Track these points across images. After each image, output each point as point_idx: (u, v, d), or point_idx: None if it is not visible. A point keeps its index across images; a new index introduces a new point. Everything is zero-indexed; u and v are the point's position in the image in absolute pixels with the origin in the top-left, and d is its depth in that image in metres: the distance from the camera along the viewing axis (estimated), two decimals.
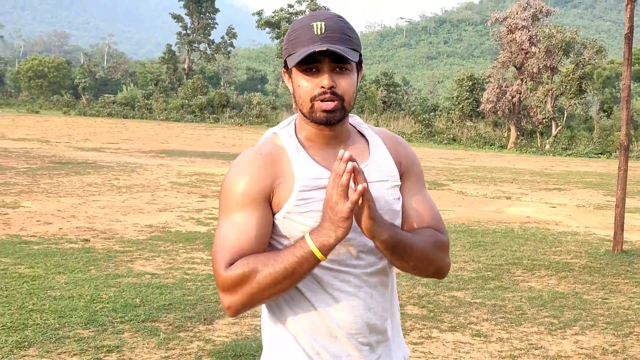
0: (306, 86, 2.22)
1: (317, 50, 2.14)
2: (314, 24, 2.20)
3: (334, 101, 2.21)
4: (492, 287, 8.96)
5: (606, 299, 8.60)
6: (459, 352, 6.51)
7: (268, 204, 2.25)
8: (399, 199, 2.38)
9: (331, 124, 2.26)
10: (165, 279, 8.49)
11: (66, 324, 6.58)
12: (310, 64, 2.20)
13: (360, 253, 2.29)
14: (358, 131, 2.43)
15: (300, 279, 2.17)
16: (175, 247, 10.49)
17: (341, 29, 2.22)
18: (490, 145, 50.25)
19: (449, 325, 7.30)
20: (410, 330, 7.05)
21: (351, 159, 2.06)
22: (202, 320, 6.98)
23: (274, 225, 2.27)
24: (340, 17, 2.29)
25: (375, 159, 2.36)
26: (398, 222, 2.35)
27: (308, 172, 2.25)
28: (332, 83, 2.19)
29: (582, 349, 6.73)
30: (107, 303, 7.35)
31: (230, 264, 2.18)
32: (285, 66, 2.30)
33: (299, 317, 2.30)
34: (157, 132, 45.54)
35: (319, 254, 2.11)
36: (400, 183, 2.40)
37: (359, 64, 2.32)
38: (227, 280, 2.16)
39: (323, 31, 2.19)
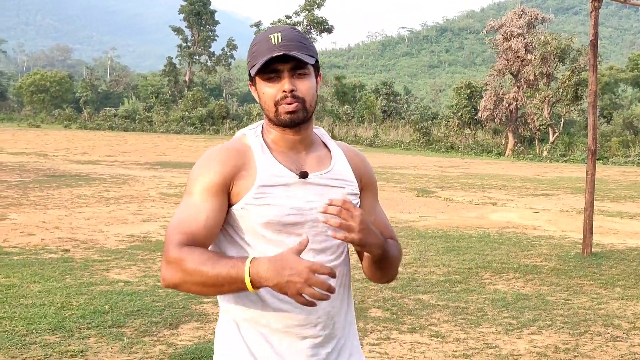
0: (269, 92, 2.40)
1: (274, 55, 2.33)
2: (271, 35, 2.39)
3: (295, 103, 2.39)
4: (458, 290, 9.16)
5: (568, 299, 8.79)
6: (415, 352, 6.70)
7: (226, 193, 2.41)
8: (355, 205, 2.46)
9: (295, 124, 2.43)
10: (138, 286, 8.69)
11: (34, 331, 6.79)
12: (271, 73, 2.39)
13: (311, 252, 2.43)
14: (322, 141, 2.61)
15: (227, 292, 2.29)
16: (153, 255, 10.69)
17: (296, 38, 2.41)
18: (488, 153, 50.39)
19: (409, 327, 7.49)
20: (371, 332, 7.24)
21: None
22: (168, 325, 7.18)
23: (231, 215, 2.42)
24: (295, 28, 2.49)
25: (335, 168, 2.54)
26: None
27: (269, 169, 2.41)
28: (292, 87, 2.37)
29: (535, 347, 6.91)
30: (77, 310, 7.56)
31: (183, 244, 2.32)
32: (250, 78, 2.48)
33: (243, 305, 2.44)
34: (156, 144, 45.76)
35: (249, 285, 2.20)
36: (358, 192, 2.59)
37: (317, 70, 2.50)
38: (171, 257, 2.29)
39: (280, 41, 2.37)
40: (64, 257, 10.34)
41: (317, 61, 2.47)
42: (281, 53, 2.34)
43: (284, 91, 2.37)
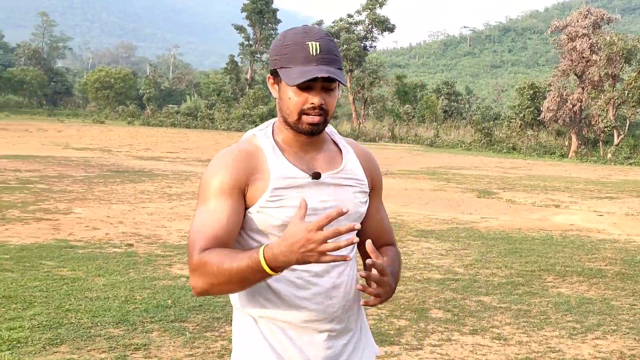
0: (296, 100, 2.39)
1: (319, 76, 2.33)
2: (310, 43, 2.37)
3: (320, 116, 2.41)
4: (521, 292, 9.06)
5: (634, 305, 8.63)
6: (476, 354, 6.64)
7: (242, 196, 2.41)
8: (365, 202, 2.60)
9: (314, 134, 2.46)
10: None
11: (98, 323, 6.90)
12: (304, 82, 2.36)
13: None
14: (332, 139, 2.64)
15: (255, 283, 2.29)
16: None
17: (332, 50, 2.40)
18: (551, 155, 49.75)
19: (471, 328, 7.43)
20: (432, 333, 7.20)
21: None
22: (229, 321, 7.23)
23: (247, 219, 2.43)
24: (329, 36, 2.46)
25: (347, 167, 2.57)
26: (359, 223, 2.45)
27: (282, 171, 2.42)
28: (322, 101, 2.39)
29: (600, 352, 6.80)
30: (140, 304, 7.66)
31: (204, 248, 2.32)
32: (273, 73, 2.46)
33: (260, 301, 2.46)
34: (217, 142, 46.09)
35: (269, 270, 2.19)
36: (368, 191, 2.63)
37: None
38: (194, 263, 2.31)
39: (318, 52, 2.36)
40: (127, 251, 10.49)
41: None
42: (326, 75, 2.33)
43: (313, 104, 2.39)
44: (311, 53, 2.36)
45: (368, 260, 2.33)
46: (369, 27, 67.57)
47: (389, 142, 56.45)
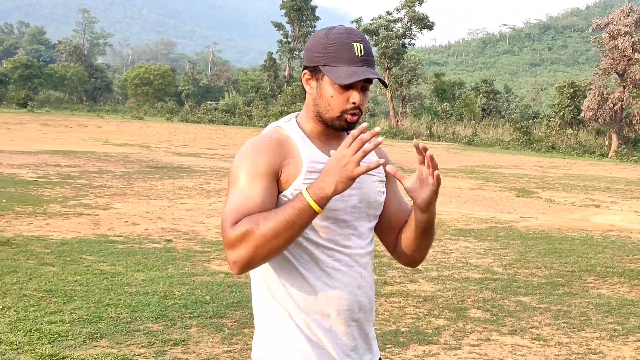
0: (339, 99, 2.50)
1: (370, 77, 2.45)
2: (354, 44, 2.49)
3: (358, 115, 2.53)
4: (560, 293, 8.98)
5: None
6: (516, 355, 6.60)
7: (276, 180, 2.47)
8: (383, 192, 2.69)
9: (348, 130, 2.56)
10: (238, 278, 8.78)
11: (138, 318, 6.95)
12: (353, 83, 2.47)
13: (352, 236, 2.55)
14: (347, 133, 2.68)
15: (300, 230, 2.34)
16: None
17: (371, 52, 2.53)
18: (590, 154, 49.21)
19: (510, 328, 7.38)
20: (470, 333, 7.16)
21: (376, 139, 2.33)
22: None
23: (280, 202, 2.46)
24: (366, 38, 2.58)
25: (366, 157, 2.57)
26: (379, 212, 2.68)
27: (314, 156, 2.51)
28: (361, 101, 2.50)
29: None
30: (179, 299, 7.70)
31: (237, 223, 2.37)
32: (311, 69, 2.55)
33: (294, 294, 2.51)
34: None
35: (315, 206, 2.29)
36: (385, 180, 2.71)
37: None
38: (232, 236, 2.33)
39: (362, 54, 2.49)
40: (166, 247, 10.56)
41: None
42: (375, 77, 2.46)
43: (354, 103, 2.49)
44: (356, 54, 2.48)
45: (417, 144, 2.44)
46: (408, 24, 67.23)
47: (427, 140, 56.21)
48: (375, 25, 67.27)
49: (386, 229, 2.73)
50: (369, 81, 2.50)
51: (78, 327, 6.54)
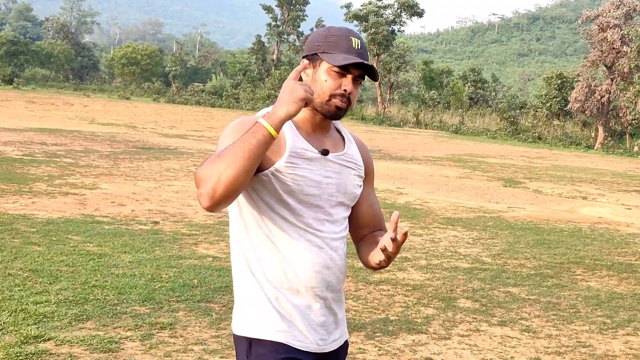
0: (331, 83, 2.70)
1: (365, 63, 2.67)
2: (352, 39, 2.73)
3: (346, 103, 2.72)
4: (550, 284, 8.96)
5: None
6: (505, 346, 6.57)
7: None
8: (360, 186, 2.90)
9: (335, 118, 2.77)
10: (226, 262, 8.70)
11: (124, 301, 6.87)
12: (343, 69, 2.69)
13: (326, 222, 2.76)
14: (335, 128, 2.91)
15: (260, 155, 2.47)
16: None
17: (366, 50, 2.78)
18: (577, 145, 49.30)
19: (500, 319, 7.35)
20: (460, 323, 7.13)
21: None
22: None
23: (258, 180, 2.64)
24: (364, 40, 2.91)
25: (349, 152, 2.87)
26: (354, 204, 2.90)
27: (297, 143, 2.69)
28: (352, 90, 2.71)
29: (631, 349, 6.71)
30: (166, 282, 7.63)
31: None
32: (310, 58, 2.75)
33: (267, 270, 2.70)
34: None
35: (271, 129, 2.46)
36: (364, 176, 2.93)
37: None
38: (199, 172, 2.47)
39: (359, 48, 2.72)
40: (153, 229, 10.47)
41: None
42: (370, 64, 2.67)
43: (345, 90, 2.69)
44: (353, 46, 2.71)
45: (391, 235, 2.63)
46: (398, 11, 67.04)
47: (414, 127, 56.17)
48: (365, 11, 66.97)
49: (354, 224, 2.96)
50: (361, 77, 2.72)
51: (64, 308, 6.45)
